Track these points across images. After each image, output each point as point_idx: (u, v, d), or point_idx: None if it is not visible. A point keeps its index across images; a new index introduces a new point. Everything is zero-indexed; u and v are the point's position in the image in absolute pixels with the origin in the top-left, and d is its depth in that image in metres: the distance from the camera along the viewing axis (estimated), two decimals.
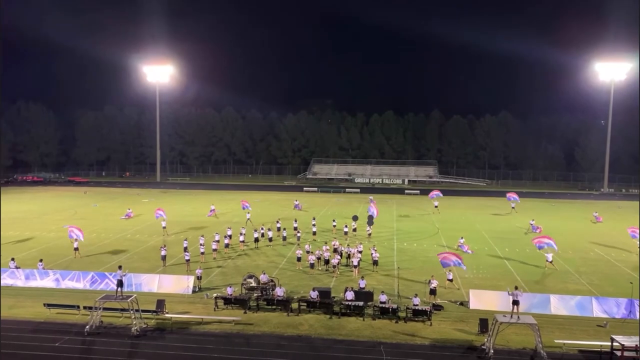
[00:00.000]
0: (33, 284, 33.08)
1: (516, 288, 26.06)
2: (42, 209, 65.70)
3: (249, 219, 54.05)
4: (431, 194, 69.70)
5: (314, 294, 28.91)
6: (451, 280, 33.17)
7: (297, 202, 66.16)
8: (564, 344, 24.34)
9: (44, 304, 28.37)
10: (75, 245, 40.61)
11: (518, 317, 24.19)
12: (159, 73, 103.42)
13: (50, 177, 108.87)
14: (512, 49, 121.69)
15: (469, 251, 42.18)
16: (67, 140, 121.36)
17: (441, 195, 70.31)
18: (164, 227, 49.69)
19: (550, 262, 38.11)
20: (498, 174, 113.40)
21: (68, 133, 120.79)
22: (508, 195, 66.68)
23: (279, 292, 29.48)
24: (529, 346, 24.27)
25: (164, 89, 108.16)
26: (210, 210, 58.84)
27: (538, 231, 51.18)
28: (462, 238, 44.55)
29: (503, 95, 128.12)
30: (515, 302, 24.83)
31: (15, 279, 33.36)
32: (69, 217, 58.90)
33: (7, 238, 46.40)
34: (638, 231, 43.97)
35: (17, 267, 34.43)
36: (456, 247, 43.21)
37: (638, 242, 42.92)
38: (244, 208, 56.96)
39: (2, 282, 32.83)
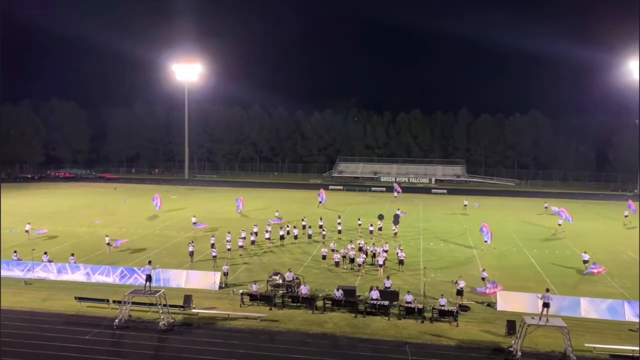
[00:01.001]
0: (65, 277, 33.87)
1: (547, 290, 25.61)
2: (74, 204, 67.22)
3: (276, 216, 54.46)
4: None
5: (338, 293, 28.92)
6: (484, 280, 32.70)
7: (321, 194, 66.44)
8: (595, 347, 23.82)
9: (75, 297, 29.04)
10: (107, 240, 41.45)
11: (547, 319, 23.75)
12: (187, 71, 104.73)
13: (81, 174, 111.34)
14: (542, 47, 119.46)
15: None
16: (98, 138, 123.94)
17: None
18: (194, 223, 50.34)
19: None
20: (527, 173, 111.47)
21: (99, 130, 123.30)
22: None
23: (304, 289, 29.59)
24: (557, 349, 23.83)
25: (193, 87, 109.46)
26: (238, 206, 59.72)
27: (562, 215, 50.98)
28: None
29: (533, 94, 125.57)
30: (546, 305, 24.35)
31: (48, 273, 34.21)
32: (100, 212, 60.14)
33: (41, 232, 47.56)
34: None
35: (49, 261, 35.35)
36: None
37: None
38: (275, 221, 56.24)
39: (35, 275, 33.79)
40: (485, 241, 43.11)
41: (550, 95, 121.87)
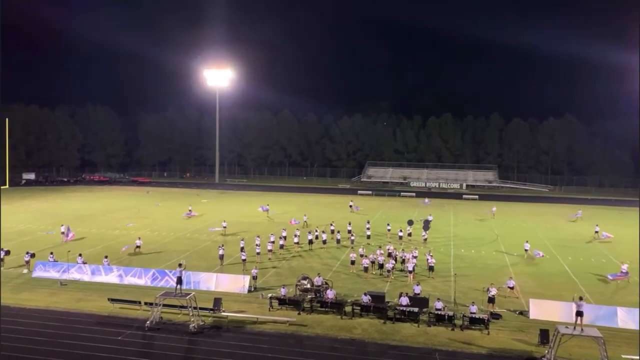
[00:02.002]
0: (98, 279, 34.58)
1: (581, 298, 24.93)
2: (108, 207, 68.70)
3: (305, 220, 54.67)
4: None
5: (365, 298, 28.77)
6: (512, 288, 32.13)
7: (352, 204, 66.67)
8: (632, 359, 23.05)
9: (108, 299, 29.63)
10: (137, 243, 42.21)
11: (582, 329, 23.10)
12: (218, 77, 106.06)
13: (115, 177, 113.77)
14: (577, 49, 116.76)
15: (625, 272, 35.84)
16: (132, 142, 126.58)
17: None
18: (224, 227, 50.85)
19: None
20: (561, 179, 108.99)
21: (132, 135, 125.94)
22: None
23: (330, 294, 29.54)
24: None
25: (224, 92, 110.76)
26: (263, 208, 60.55)
27: (605, 237, 49.14)
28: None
29: (567, 98, 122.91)
30: (579, 313, 23.68)
31: (82, 274, 35.00)
32: (133, 215, 61.30)
33: (75, 235, 48.74)
34: None
35: (84, 263, 36.17)
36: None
37: None
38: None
39: (70, 277, 34.62)
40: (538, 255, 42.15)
41: (585, 99, 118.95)
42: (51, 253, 37.87)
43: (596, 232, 51.74)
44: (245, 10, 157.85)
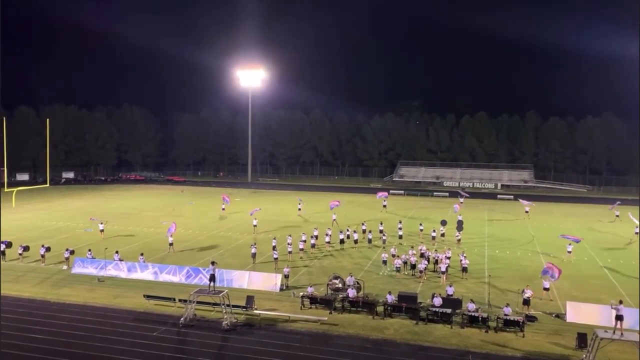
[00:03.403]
0: (134, 275, 35.36)
1: (620, 302, 24.19)
2: (143, 205, 70.16)
3: (334, 219, 54.64)
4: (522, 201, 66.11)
5: (390, 298, 28.61)
6: (547, 289, 31.42)
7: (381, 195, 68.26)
8: None
9: (144, 295, 30.26)
10: (170, 241, 42.96)
11: (621, 333, 22.43)
12: (251, 77, 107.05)
13: (150, 176, 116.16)
14: (616, 45, 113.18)
15: None
16: (167, 142, 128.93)
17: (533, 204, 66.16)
18: (255, 226, 51.32)
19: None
20: (600, 179, 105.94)
21: (167, 135, 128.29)
22: None
23: (351, 293, 29.46)
24: None
25: (256, 92, 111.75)
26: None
27: None
28: None
29: (606, 95, 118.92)
30: (619, 317, 23.00)
31: (119, 271, 35.84)
32: (167, 214, 62.44)
33: (113, 232, 50.03)
34: None
35: (120, 260, 37.02)
36: None
37: None
38: (332, 207, 57.31)
39: (107, 273, 35.48)
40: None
41: (625, 96, 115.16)
42: (89, 250, 38.91)
43: (636, 232, 50.17)
44: (277, 10, 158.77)
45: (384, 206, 67.25)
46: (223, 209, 63.99)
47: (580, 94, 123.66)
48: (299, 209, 64.10)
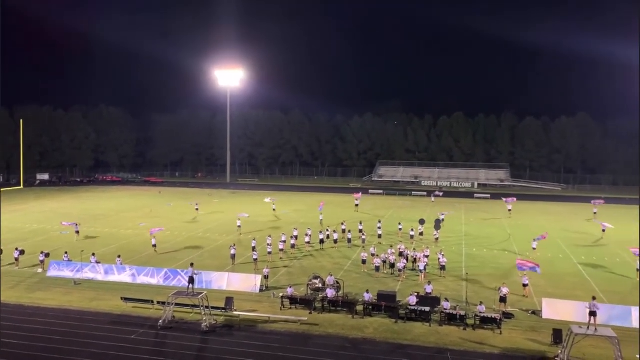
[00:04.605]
0: (112, 278, 34.89)
1: (594, 299, 24.71)
2: (120, 207, 69.26)
3: (321, 220, 54.74)
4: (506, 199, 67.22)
5: (367, 296, 28.77)
6: (526, 285, 31.87)
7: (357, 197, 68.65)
8: None
9: (121, 298, 29.90)
10: (153, 242, 42.50)
11: (595, 329, 22.92)
12: (229, 77, 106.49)
13: (127, 177, 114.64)
14: (590, 46, 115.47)
15: None
16: (144, 143, 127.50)
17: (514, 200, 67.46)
18: (239, 227, 51.03)
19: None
20: (575, 178, 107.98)
21: (145, 135, 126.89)
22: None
23: (329, 293, 29.54)
24: None
25: (235, 92, 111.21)
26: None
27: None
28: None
29: (580, 96, 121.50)
30: (593, 314, 23.50)
31: (95, 273, 35.33)
32: (145, 215, 61.76)
33: (89, 234, 49.32)
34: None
35: (97, 262, 36.52)
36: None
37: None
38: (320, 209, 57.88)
39: (84, 276, 34.96)
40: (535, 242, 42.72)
41: (599, 97, 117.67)
42: (65, 253, 38.27)
43: (603, 230, 51.29)
44: (255, 10, 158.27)
45: (356, 205, 67.61)
46: (197, 209, 63.54)
47: (555, 95, 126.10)
48: (274, 209, 64.17)
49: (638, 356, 23.11)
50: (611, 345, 22.63)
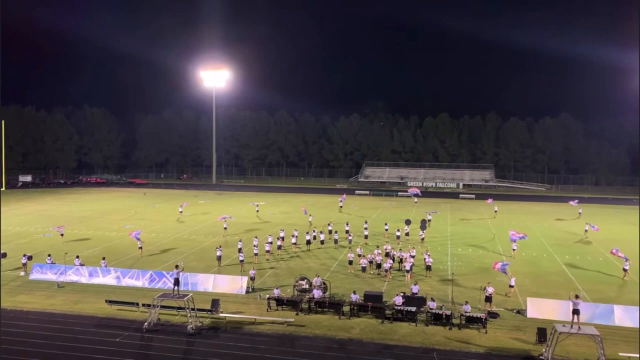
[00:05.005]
0: (96, 281, 34.51)
1: (577, 297, 25.00)
2: (105, 209, 68.59)
3: (310, 221, 54.72)
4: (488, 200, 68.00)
5: (354, 297, 28.82)
6: (512, 287, 32.15)
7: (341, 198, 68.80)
8: (629, 357, 23.15)
9: (106, 301, 29.58)
10: (139, 245, 42.12)
11: (579, 327, 23.19)
12: (215, 78, 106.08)
13: (112, 179, 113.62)
14: (573, 48, 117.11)
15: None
16: (128, 144, 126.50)
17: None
18: (225, 228, 50.80)
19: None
20: (558, 178, 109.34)
21: (129, 136, 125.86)
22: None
23: (316, 294, 29.54)
24: (590, 358, 23.23)
25: (220, 93, 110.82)
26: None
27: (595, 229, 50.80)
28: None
29: (563, 97, 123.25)
30: (576, 312, 23.77)
31: (79, 276, 34.91)
32: (130, 217, 61.24)
33: (73, 236, 48.78)
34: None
35: (81, 265, 36.09)
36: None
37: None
38: (305, 213, 57.98)
39: (67, 279, 34.54)
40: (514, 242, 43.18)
41: (581, 98, 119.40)
42: (49, 255, 37.77)
43: (585, 230, 51.98)
44: (241, 11, 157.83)
45: (340, 207, 67.69)
46: (180, 211, 63.12)
47: (539, 96, 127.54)
48: (257, 210, 64.04)
49: (621, 354, 23.42)
50: (594, 343, 22.92)
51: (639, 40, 77.80)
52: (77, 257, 37.31)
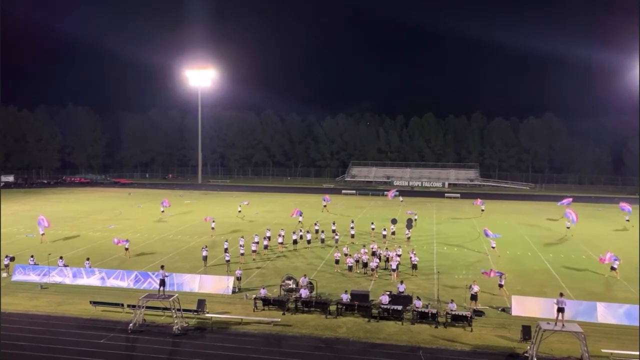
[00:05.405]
0: (80, 281, 34.16)
1: (561, 295, 25.28)
2: (89, 209, 67.89)
3: (300, 221, 54.58)
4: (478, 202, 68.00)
5: (345, 297, 28.86)
6: (501, 286, 32.32)
7: (326, 198, 67.97)
8: (612, 353, 23.46)
9: (90, 302, 29.28)
10: (126, 246, 41.69)
11: (563, 324, 23.47)
12: (201, 77, 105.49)
13: (96, 179, 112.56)
14: (557, 48, 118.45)
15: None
16: (113, 143, 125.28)
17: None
18: (213, 228, 50.47)
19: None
20: (542, 177, 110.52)
21: (114, 136, 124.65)
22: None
23: (304, 293, 29.55)
24: (574, 355, 23.52)
25: (206, 92, 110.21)
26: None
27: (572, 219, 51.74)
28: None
29: (548, 97, 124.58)
30: (560, 310, 24.04)
31: (63, 277, 34.53)
32: (114, 217, 60.69)
33: (56, 237, 48.23)
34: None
35: (65, 265, 35.69)
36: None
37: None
38: (299, 214, 56.64)
39: (51, 280, 34.13)
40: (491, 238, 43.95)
41: (565, 98, 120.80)
42: (32, 256, 37.34)
43: (568, 227, 52.56)
44: (227, 9, 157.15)
45: (324, 206, 67.55)
46: (162, 211, 62.64)
47: (524, 96, 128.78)
48: (239, 211, 63.42)
49: (603, 350, 23.73)
50: (577, 340, 23.21)
51: (639, 42, 78.62)
52: (61, 257, 36.89)
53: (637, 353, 23.42)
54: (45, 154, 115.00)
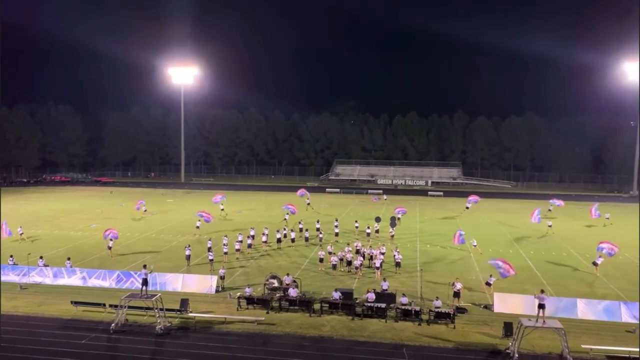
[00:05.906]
0: (61, 282, 33.72)
1: (542, 291, 25.60)
2: (70, 208, 67.01)
3: (285, 219, 54.35)
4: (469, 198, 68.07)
5: (336, 295, 28.91)
6: (490, 285, 32.53)
7: (307, 201, 67.38)
8: (591, 349, 23.85)
9: (71, 302, 28.90)
10: (109, 245, 41.25)
11: (544, 321, 23.77)
12: (183, 75, 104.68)
13: (77, 178, 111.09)
14: (538, 48, 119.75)
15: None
16: (95, 142, 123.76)
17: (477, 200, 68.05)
18: (198, 227, 50.09)
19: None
20: (524, 175, 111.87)
21: (95, 134, 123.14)
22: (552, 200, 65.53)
23: (292, 292, 29.53)
24: (555, 351, 23.86)
25: (189, 90, 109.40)
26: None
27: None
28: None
29: (529, 96, 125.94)
30: (541, 306, 24.32)
31: (43, 277, 34.05)
32: (96, 216, 60.00)
33: (36, 236, 47.52)
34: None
35: (45, 265, 35.19)
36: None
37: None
38: (292, 211, 56.06)
39: (31, 280, 33.64)
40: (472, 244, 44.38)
41: (546, 97, 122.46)
42: (11, 256, 36.76)
43: (549, 225, 53.27)
44: (210, 7, 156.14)
45: (308, 204, 67.12)
46: (145, 210, 61.93)
47: (506, 95, 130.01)
48: (222, 209, 62.60)
49: (583, 346, 24.09)
50: (558, 336, 23.55)
51: (639, 42, 79.67)
52: (41, 257, 36.37)
53: (615, 349, 23.86)
54: (25, 152, 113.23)
